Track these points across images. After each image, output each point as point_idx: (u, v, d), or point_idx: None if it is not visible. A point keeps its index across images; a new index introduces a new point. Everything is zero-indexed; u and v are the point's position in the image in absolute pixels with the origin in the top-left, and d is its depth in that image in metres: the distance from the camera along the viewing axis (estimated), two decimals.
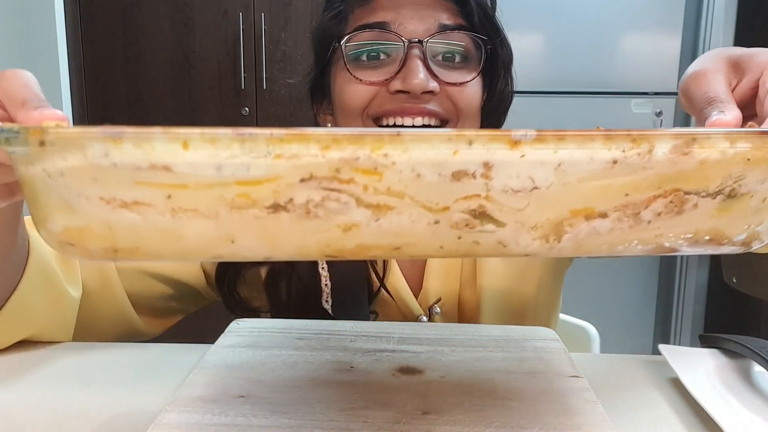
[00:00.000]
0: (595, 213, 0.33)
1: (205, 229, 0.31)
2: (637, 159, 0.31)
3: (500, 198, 0.32)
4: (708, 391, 0.53)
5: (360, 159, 0.30)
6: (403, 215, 0.32)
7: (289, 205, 0.31)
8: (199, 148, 0.30)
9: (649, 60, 2.34)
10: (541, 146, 0.31)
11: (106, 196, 0.30)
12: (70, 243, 0.32)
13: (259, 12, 2.30)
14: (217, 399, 0.48)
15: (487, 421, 0.45)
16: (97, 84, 2.34)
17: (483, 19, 0.72)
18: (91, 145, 0.29)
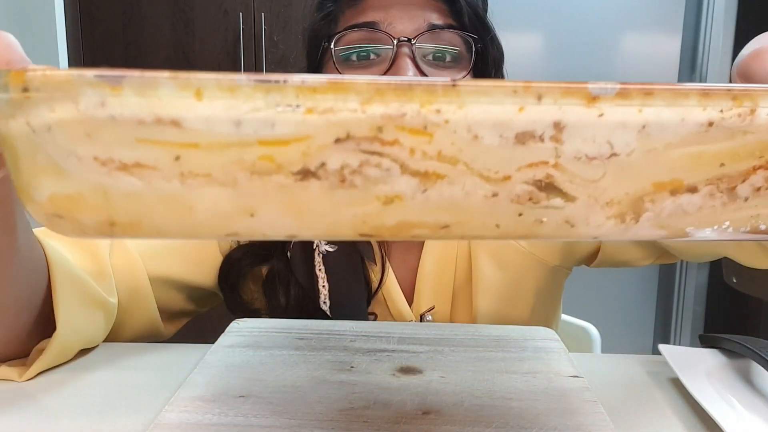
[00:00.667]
0: (683, 187, 0.27)
1: (220, 198, 0.25)
2: (737, 121, 0.26)
3: (572, 166, 0.26)
4: (708, 391, 0.53)
5: (407, 115, 0.25)
6: (456, 186, 0.26)
7: (321, 171, 0.25)
8: (215, 99, 0.24)
9: (649, 60, 2.32)
10: (623, 103, 0.25)
11: (101, 156, 0.25)
12: (58, 215, 0.26)
13: (259, 12, 2.25)
14: (217, 399, 0.47)
15: (486, 421, 0.45)
16: None
17: (473, 18, 0.70)
18: (84, 92, 0.24)
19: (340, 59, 0.69)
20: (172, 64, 2.27)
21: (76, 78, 0.23)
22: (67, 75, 0.23)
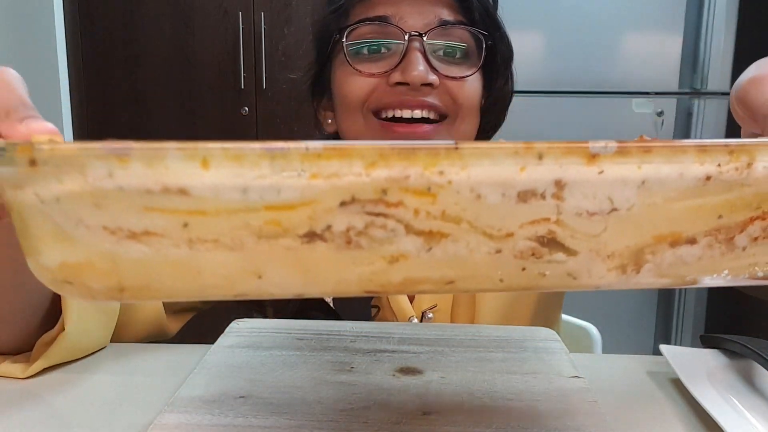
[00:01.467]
0: (683, 238, 0.27)
1: (228, 262, 0.26)
2: (734, 174, 0.26)
3: (573, 222, 0.27)
4: (709, 391, 0.52)
5: (411, 178, 0.25)
6: (460, 243, 0.26)
7: (327, 234, 0.26)
8: (222, 167, 0.24)
9: (651, 59, 2.31)
10: (623, 160, 0.26)
11: (110, 226, 0.25)
12: (68, 281, 0.26)
13: (258, 11, 2.25)
14: (217, 399, 0.47)
15: (487, 422, 0.45)
16: (97, 84, 2.30)
17: (483, 15, 0.71)
18: (92, 164, 0.24)
19: (351, 52, 0.70)
20: (172, 63, 2.27)
21: (83, 151, 0.24)
22: (74, 148, 0.24)
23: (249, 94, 2.29)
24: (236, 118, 2.29)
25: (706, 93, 2.28)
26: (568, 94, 2.31)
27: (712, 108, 2.30)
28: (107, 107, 2.30)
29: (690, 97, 2.31)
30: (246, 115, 2.29)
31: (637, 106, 2.34)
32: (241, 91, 2.28)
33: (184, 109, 2.30)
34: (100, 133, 2.31)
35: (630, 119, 2.31)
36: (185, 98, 2.29)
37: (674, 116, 2.33)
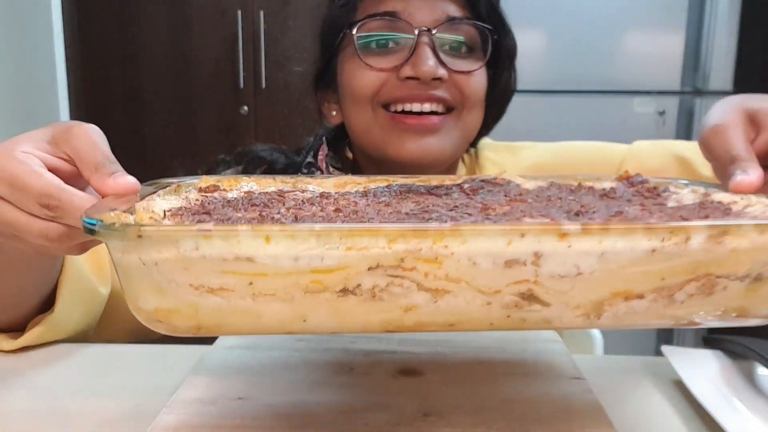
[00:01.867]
0: (633, 294, 0.37)
1: (281, 310, 0.35)
2: (674, 248, 0.36)
3: (547, 282, 0.36)
4: (711, 392, 0.54)
5: (423, 250, 0.35)
6: (459, 298, 0.36)
7: (357, 290, 0.35)
8: (280, 242, 0.34)
9: (652, 58, 2.37)
10: (587, 237, 0.35)
11: (194, 283, 0.34)
12: (159, 320, 0.36)
13: (257, 11, 2.32)
14: (216, 401, 0.48)
15: (488, 423, 0.46)
16: (95, 83, 2.37)
17: (489, 10, 0.77)
18: (183, 240, 0.33)
19: (361, 46, 0.76)
20: (170, 63, 2.35)
21: (178, 232, 0.33)
22: (171, 230, 0.33)
23: (248, 94, 2.37)
24: (235, 118, 2.37)
25: (708, 92, 2.35)
26: (569, 94, 2.38)
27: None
28: (105, 107, 2.37)
29: (692, 96, 2.38)
30: (245, 114, 2.37)
31: (638, 106, 2.42)
32: (239, 91, 2.36)
33: (183, 109, 2.37)
34: None
35: (631, 118, 2.39)
36: (184, 98, 2.37)
37: (676, 115, 2.40)
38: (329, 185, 0.59)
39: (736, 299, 0.38)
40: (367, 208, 0.47)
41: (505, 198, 0.51)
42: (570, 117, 2.37)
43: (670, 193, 0.54)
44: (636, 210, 0.46)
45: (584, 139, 0.91)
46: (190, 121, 2.38)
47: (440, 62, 0.74)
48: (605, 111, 2.40)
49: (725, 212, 0.44)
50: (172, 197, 0.48)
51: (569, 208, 0.46)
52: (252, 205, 0.48)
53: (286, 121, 2.38)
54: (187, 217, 0.41)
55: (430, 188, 0.57)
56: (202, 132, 2.39)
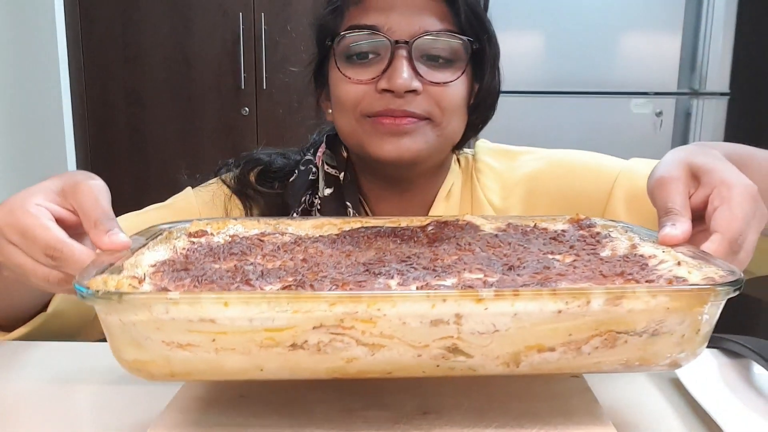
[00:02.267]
0: (545, 348, 0.43)
1: (241, 361, 0.42)
2: (578, 309, 0.42)
3: (469, 338, 0.42)
4: (708, 391, 0.55)
5: (359, 312, 0.41)
6: (393, 351, 0.42)
7: (305, 345, 0.42)
8: (237, 306, 0.40)
9: (649, 60, 2.40)
10: (500, 301, 0.41)
11: (166, 340, 0.41)
12: (138, 369, 0.43)
13: (258, 12, 2.37)
14: (217, 399, 0.50)
15: (486, 422, 0.48)
16: (97, 84, 2.43)
17: (471, 18, 0.80)
18: (156, 305, 0.40)
19: (341, 57, 0.80)
20: (172, 64, 2.41)
21: (151, 298, 0.40)
22: (146, 297, 0.40)
23: (249, 94, 2.43)
24: (236, 118, 2.43)
25: (705, 93, 2.39)
26: (567, 95, 2.42)
27: (710, 108, 2.40)
28: (107, 107, 2.43)
29: (689, 97, 2.41)
30: (246, 115, 2.43)
31: (635, 107, 2.46)
32: (241, 91, 2.42)
33: (184, 110, 2.43)
34: (100, 132, 2.45)
35: (629, 119, 2.43)
36: (185, 98, 2.43)
37: (673, 116, 2.44)
38: (308, 227, 0.66)
39: (636, 351, 0.44)
40: (330, 259, 0.54)
41: (456, 248, 0.57)
42: (568, 118, 2.41)
43: (610, 240, 0.60)
44: (565, 264, 0.52)
45: (582, 140, 0.93)
46: (191, 122, 2.44)
47: (417, 74, 0.77)
48: (603, 112, 2.44)
49: (642, 267, 0.50)
50: (161, 247, 0.55)
51: (507, 261, 0.52)
52: (231, 254, 0.55)
53: (287, 121, 2.43)
54: (167, 273, 0.47)
55: (396, 230, 0.64)
56: (203, 133, 2.45)
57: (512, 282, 0.47)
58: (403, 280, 0.48)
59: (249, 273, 0.49)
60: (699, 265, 0.48)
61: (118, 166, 2.45)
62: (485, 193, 0.88)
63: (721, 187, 0.54)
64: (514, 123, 2.33)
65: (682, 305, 0.43)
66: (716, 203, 0.54)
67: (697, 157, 0.58)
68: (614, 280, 0.48)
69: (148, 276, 0.47)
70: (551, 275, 0.48)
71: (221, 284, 0.46)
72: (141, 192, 2.46)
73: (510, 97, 2.41)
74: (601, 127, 2.42)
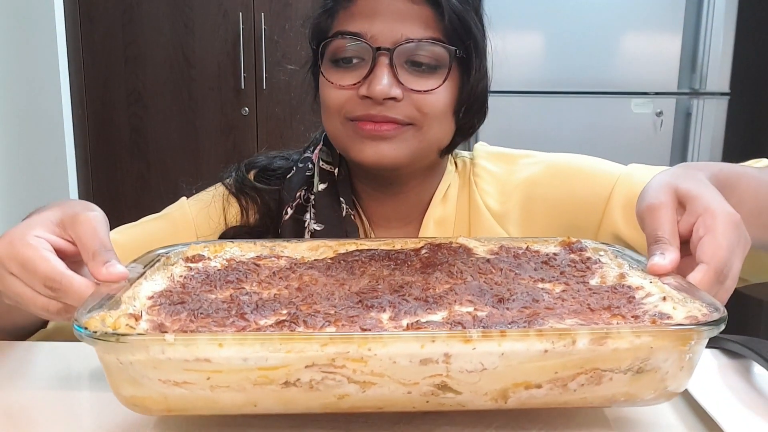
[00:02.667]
0: (532, 385, 0.45)
1: (235, 398, 0.43)
2: (564, 348, 0.43)
3: (458, 376, 0.44)
4: (708, 391, 0.55)
5: (350, 352, 0.42)
6: (384, 388, 0.44)
7: (298, 383, 0.43)
8: (231, 347, 0.42)
9: (650, 60, 2.40)
10: (488, 341, 0.43)
11: (163, 378, 0.42)
12: (135, 404, 0.44)
13: (259, 12, 2.38)
14: None
15: (487, 422, 0.49)
16: (97, 84, 2.44)
17: (457, 24, 0.80)
18: (152, 346, 0.41)
19: (328, 62, 0.82)
20: (172, 64, 2.41)
21: (148, 340, 0.41)
22: (142, 339, 0.41)
23: (249, 95, 2.43)
24: (236, 118, 2.44)
25: (705, 93, 2.39)
26: (567, 95, 2.42)
27: (710, 108, 2.40)
28: (107, 107, 2.44)
29: (689, 97, 2.41)
30: (246, 115, 2.44)
31: (636, 106, 2.46)
32: (240, 92, 2.43)
33: (185, 110, 2.44)
34: (100, 132, 2.46)
35: (629, 119, 2.43)
36: (185, 98, 2.44)
37: (673, 116, 2.44)
38: (303, 249, 0.67)
39: (622, 387, 0.45)
40: (324, 288, 0.55)
41: (448, 276, 0.58)
42: (568, 118, 2.41)
43: (599, 266, 0.61)
44: (554, 295, 0.53)
45: (582, 140, 0.92)
46: (191, 122, 2.45)
47: (397, 81, 0.78)
48: (603, 112, 2.44)
49: (628, 300, 0.51)
50: (158, 276, 0.56)
51: (497, 292, 0.53)
52: (227, 282, 0.56)
53: (286, 121, 2.44)
54: (164, 307, 0.49)
55: (391, 253, 0.64)
56: (203, 133, 2.46)
57: (501, 317, 0.48)
58: (395, 314, 0.49)
59: (244, 305, 0.50)
60: (684, 300, 0.49)
61: (118, 166, 2.46)
62: (483, 198, 0.88)
63: (706, 215, 0.55)
64: (514, 123, 2.34)
65: (665, 344, 0.44)
66: (701, 232, 0.55)
67: (683, 182, 0.59)
68: (601, 314, 0.49)
69: (145, 310, 0.48)
70: (539, 309, 0.50)
71: (216, 318, 0.48)
72: (141, 192, 2.48)
73: (510, 97, 2.42)
74: (602, 127, 2.43)
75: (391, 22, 0.79)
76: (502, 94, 2.36)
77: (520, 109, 2.38)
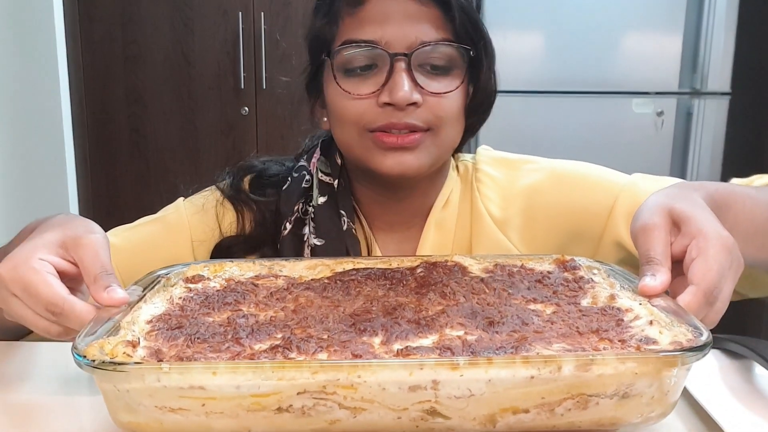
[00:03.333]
0: (519, 410, 0.46)
1: (229, 423, 0.45)
2: (550, 375, 0.44)
3: (446, 402, 0.45)
4: (709, 391, 0.56)
5: (340, 379, 0.44)
6: (374, 414, 0.45)
7: (290, 408, 0.45)
8: (224, 375, 0.43)
9: (651, 59, 2.40)
10: (475, 369, 0.44)
11: (158, 405, 0.44)
12: (132, 430, 0.45)
13: (258, 12, 2.38)
14: None
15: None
16: (97, 84, 2.44)
17: (467, 24, 0.81)
18: (148, 374, 0.42)
19: (340, 71, 0.80)
20: (172, 63, 2.42)
21: (143, 370, 0.42)
22: (139, 368, 0.42)
23: (249, 94, 2.44)
24: (236, 118, 2.45)
25: (706, 93, 2.39)
26: (568, 94, 2.42)
27: (711, 108, 2.40)
28: (107, 108, 2.45)
29: (690, 96, 2.42)
30: (246, 115, 2.45)
31: (637, 106, 2.46)
32: (240, 91, 2.44)
33: (184, 110, 2.45)
34: (100, 132, 2.47)
35: (630, 119, 2.44)
36: (185, 98, 2.44)
37: (674, 116, 2.44)
38: (301, 268, 0.68)
39: (608, 412, 0.47)
40: (318, 311, 0.56)
41: (440, 297, 0.59)
42: (569, 118, 2.41)
43: (591, 286, 0.62)
44: (544, 319, 0.54)
45: (583, 140, 0.91)
46: (191, 122, 2.46)
47: (416, 85, 0.78)
48: (604, 111, 2.44)
49: (617, 323, 0.53)
50: (158, 299, 0.57)
51: (488, 315, 0.55)
52: (225, 303, 0.57)
53: (286, 121, 2.45)
54: (162, 332, 0.50)
55: (387, 273, 0.66)
56: (203, 132, 2.47)
57: (490, 341, 0.50)
58: (386, 338, 0.51)
59: (240, 329, 0.51)
60: (671, 324, 0.50)
61: (118, 166, 2.48)
62: (485, 204, 0.88)
63: (699, 238, 0.56)
64: (515, 123, 2.34)
65: (650, 370, 0.45)
66: (693, 254, 0.56)
67: (678, 203, 0.60)
68: (589, 338, 0.51)
69: (143, 336, 0.50)
70: (528, 333, 0.51)
71: (212, 343, 0.49)
72: (141, 192, 2.49)
73: (510, 97, 2.43)
74: (602, 127, 2.43)
75: (403, 26, 0.78)
76: (502, 93, 2.31)
77: (520, 109, 2.39)
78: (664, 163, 2.46)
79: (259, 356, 0.47)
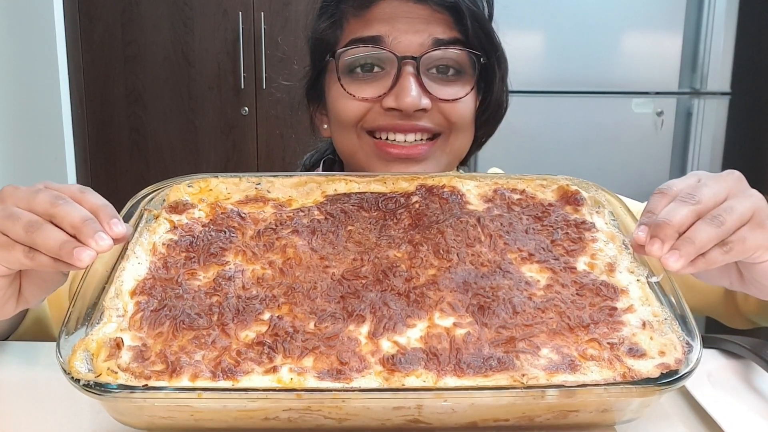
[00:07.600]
0: (501, 419, 0.47)
1: (219, 426, 0.46)
2: (533, 399, 0.45)
3: (429, 416, 0.46)
4: (709, 391, 0.56)
5: (324, 402, 0.45)
6: (359, 422, 0.47)
7: (277, 419, 0.46)
8: (210, 398, 0.44)
9: (650, 59, 2.40)
10: (458, 395, 0.45)
11: (149, 414, 0.47)
12: (125, 424, 0.48)
13: (258, 11, 2.38)
14: None
15: None
16: (97, 83, 2.44)
17: (478, 31, 0.77)
18: (134, 397, 0.44)
19: (344, 72, 0.76)
20: (172, 63, 2.42)
21: (138, 396, 0.44)
22: (124, 393, 0.43)
23: (249, 94, 2.44)
24: (236, 118, 2.45)
25: (706, 93, 2.39)
26: (568, 94, 2.42)
27: (711, 108, 2.41)
28: (107, 107, 2.45)
29: (690, 96, 2.42)
30: (245, 115, 2.45)
31: (636, 106, 2.47)
32: (240, 91, 2.44)
33: (184, 109, 2.45)
34: (100, 132, 2.48)
35: (630, 119, 2.44)
36: (185, 98, 2.45)
37: (674, 116, 2.45)
38: (290, 186, 0.65)
39: (587, 420, 0.48)
40: (306, 275, 0.55)
41: (434, 256, 0.57)
42: (569, 118, 2.41)
43: (593, 233, 0.60)
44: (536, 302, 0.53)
45: (583, 140, 0.86)
46: (191, 122, 2.46)
47: (425, 91, 0.74)
48: (604, 112, 2.44)
49: (610, 313, 0.52)
50: (140, 249, 0.57)
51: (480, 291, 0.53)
52: (210, 255, 0.57)
53: (286, 121, 2.45)
54: (146, 318, 0.50)
55: (380, 201, 0.63)
56: (203, 132, 2.47)
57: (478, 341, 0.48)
58: (375, 327, 0.50)
59: (226, 311, 0.51)
60: (664, 323, 0.50)
61: (118, 166, 2.48)
62: None
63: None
64: (515, 123, 2.33)
65: (631, 395, 0.46)
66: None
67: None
68: (579, 336, 0.49)
69: (128, 322, 0.50)
70: (517, 332, 0.50)
71: (198, 332, 0.49)
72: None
73: (510, 96, 2.43)
74: (602, 127, 2.43)
75: (414, 25, 0.75)
76: None
77: (520, 109, 2.38)
78: (663, 164, 2.46)
79: (245, 354, 0.48)
